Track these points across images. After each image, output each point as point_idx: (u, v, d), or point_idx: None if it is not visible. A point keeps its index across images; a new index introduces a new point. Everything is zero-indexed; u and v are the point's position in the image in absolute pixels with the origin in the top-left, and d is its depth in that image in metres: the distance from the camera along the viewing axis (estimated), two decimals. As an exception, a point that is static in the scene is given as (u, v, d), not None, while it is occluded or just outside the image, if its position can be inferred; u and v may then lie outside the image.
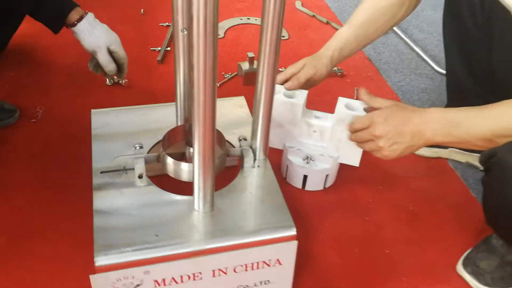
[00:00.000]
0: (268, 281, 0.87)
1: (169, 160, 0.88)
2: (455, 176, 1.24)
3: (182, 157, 0.93)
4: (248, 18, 1.76)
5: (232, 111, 1.07)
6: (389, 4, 1.13)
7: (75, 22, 1.05)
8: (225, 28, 1.70)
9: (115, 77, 1.10)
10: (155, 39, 1.61)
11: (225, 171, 0.93)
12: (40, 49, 1.53)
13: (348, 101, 1.09)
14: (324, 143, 1.14)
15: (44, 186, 1.13)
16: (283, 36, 1.69)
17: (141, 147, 0.93)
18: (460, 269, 1.02)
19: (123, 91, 1.41)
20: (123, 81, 1.41)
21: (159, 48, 1.56)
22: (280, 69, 1.18)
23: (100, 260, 0.76)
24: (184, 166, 0.88)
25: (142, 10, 1.75)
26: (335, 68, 1.52)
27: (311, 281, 0.99)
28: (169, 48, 1.57)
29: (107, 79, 1.40)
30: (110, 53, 1.02)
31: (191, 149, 0.78)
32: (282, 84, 1.12)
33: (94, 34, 1.05)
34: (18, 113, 1.28)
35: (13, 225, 1.05)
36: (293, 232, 0.83)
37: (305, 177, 1.14)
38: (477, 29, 1.08)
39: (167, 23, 1.69)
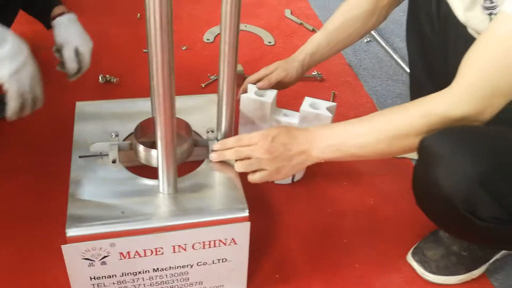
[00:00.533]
0: (225, 259, 0.95)
1: (140, 148, 0.97)
2: (417, 175, 1.32)
3: (153, 145, 1.01)
4: (238, 25, 1.86)
5: (205, 106, 1.16)
6: (361, 12, 1.22)
7: (56, 16, 1.10)
8: (215, 34, 1.80)
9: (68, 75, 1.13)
10: (148, 42, 1.71)
11: (197, 164, 1.01)
12: (36, 48, 1.62)
13: (313, 100, 1.18)
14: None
15: (34, 173, 1.23)
16: (270, 42, 1.78)
17: (117, 136, 1.03)
18: (409, 257, 1.09)
19: (114, 89, 1.51)
20: (115, 80, 1.52)
21: (151, 50, 1.67)
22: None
23: (71, 232, 0.85)
24: (154, 152, 0.96)
25: (138, 14, 1.85)
26: (315, 72, 1.61)
27: (269, 263, 1.08)
28: (160, 51, 1.67)
29: (100, 77, 1.51)
30: (77, 54, 1.06)
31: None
32: (254, 83, 1.22)
33: (68, 31, 1.06)
34: (15, 106, 1.38)
35: (2, 209, 1.15)
36: (245, 213, 0.91)
37: (273, 170, 1.22)
38: (434, 36, 1.15)
39: (161, 27, 1.79)
